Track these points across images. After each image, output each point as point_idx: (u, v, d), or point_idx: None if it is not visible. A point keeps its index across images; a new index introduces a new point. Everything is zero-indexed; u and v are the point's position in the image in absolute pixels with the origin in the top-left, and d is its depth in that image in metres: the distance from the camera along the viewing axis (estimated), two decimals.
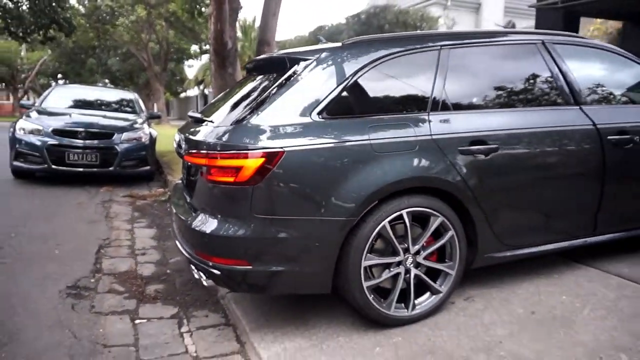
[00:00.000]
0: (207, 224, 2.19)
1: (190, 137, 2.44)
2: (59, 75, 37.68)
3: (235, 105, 2.48)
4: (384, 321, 2.28)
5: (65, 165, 6.15)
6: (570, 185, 2.61)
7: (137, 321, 2.59)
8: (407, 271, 2.30)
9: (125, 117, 7.36)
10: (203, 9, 10.62)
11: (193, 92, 37.15)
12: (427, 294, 2.38)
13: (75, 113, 6.99)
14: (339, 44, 2.46)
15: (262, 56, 2.94)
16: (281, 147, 2.05)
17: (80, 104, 7.71)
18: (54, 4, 17.62)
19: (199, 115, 2.66)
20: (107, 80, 34.74)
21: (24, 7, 17.92)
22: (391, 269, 2.27)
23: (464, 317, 2.39)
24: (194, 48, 26.29)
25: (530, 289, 2.65)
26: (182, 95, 38.59)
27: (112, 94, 9.09)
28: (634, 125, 2.71)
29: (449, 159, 2.26)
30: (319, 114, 2.17)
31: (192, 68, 33.99)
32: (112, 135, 6.43)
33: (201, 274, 2.26)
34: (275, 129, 2.11)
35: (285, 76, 2.31)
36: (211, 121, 2.41)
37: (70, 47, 27.06)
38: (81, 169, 6.24)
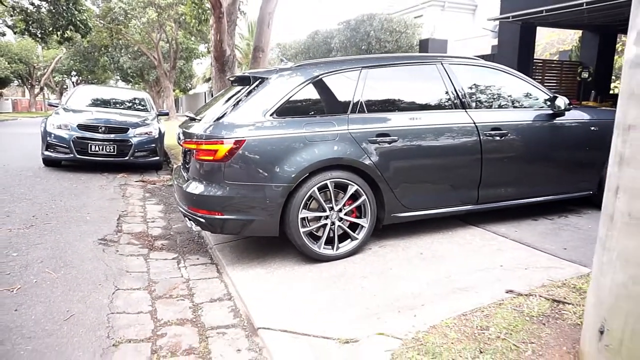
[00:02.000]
0: (196, 188, 3.27)
1: (186, 130, 3.53)
2: (73, 73, 39.08)
3: (217, 108, 3.55)
4: (316, 257, 3.34)
5: (88, 155, 7.29)
6: (456, 167, 3.65)
7: (148, 260, 3.69)
8: (333, 223, 3.36)
9: (138, 114, 8.50)
10: (208, 18, 11.69)
11: (202, 88, 38.35)
12: (348, 240, 3.44)
13: (95, 110, 8.14)
14: (289, 66, 3.53)
15: (238, 74, 4.00)
16: (243, 137, 3.13)
17: (99, 103, 8.88)
18: (71, 6, 18.81)
19: (192, 115, 3.74)
20: (118, 77, 36.08)
21: (44, 10, 19.15)
22: (321, 221, 3.34)
23: (373, 256, 3.45)
24: (202, 48, 27.44)
25: (428, 240, 3.70)
26: (191, 92, 39.84)
27: (126, 94, 10.25)
28: (505, 123, 3.74)
29: (360, 146, 3.32)
30: (270, 115, 3.24)
31: (200, 65, 35.20)
32: (127, 130, 7.55)
33: (192, 222, 3.35)
34: (240, 125, 3.18)
35: (250, 89, 3.39)
36: (200, 119, 3.50)
37: (84, 46, 28.35)
38: (101, 159, 7.37)
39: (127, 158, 7.50)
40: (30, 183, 6.33)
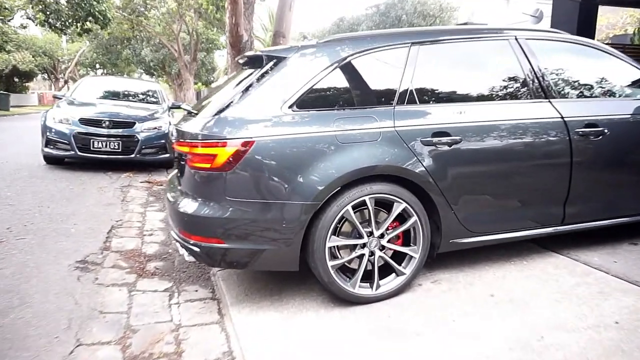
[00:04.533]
0: (189, 206, 2.44)
1: (179, 127, 2.69)
2: (97, 66, 39.07)
3: (219, 99, 2.70)
4: (349, 298, 2.47)
5: (90, 152, 6.59)
6: (537, 177, 2.72)
7: (133, 293, 2.88)
8: (372, 253, 2.48)
9: (147, 107, 7.76)
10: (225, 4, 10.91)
11: (223, 81, 37.80)
12: (392, 275, 2.56)
13: (101, 103, 7.44)
14: (314, 42, 2.64)
15: (248, 53, 3.14)
16: (252, 137, 2.27)
17: (107, 95, 8.18)
18: None
19: (189, 108, 2.90)
20: (142, 70, 35.83)
21: (62, 1, 18.77)
22: (356, 251, 2.46)
23: (425, 297, 2.56)
24: (223, 39, 26.76)
25: (498, 274, 2.78)
26: (213, 85, 39.36)
27: (137, 85, 9.53)
28: (602, 118, 2.78)
29: (410, 149, 2.42)
30: (289, 107, 2.37)
31: (222, 58, 34.59)
32: (133, 125, 6.81)
33: (184, 251, 2.52)
34: (249, 120, 2.32)
35: (262, 72, 2.52)
36: (197, 113, 2.65)
37: (106, 38, 28.04)
38: (105, 156, 6.66)
39: (133, 155, 6.76)
40: (22, 185, 5.64)
